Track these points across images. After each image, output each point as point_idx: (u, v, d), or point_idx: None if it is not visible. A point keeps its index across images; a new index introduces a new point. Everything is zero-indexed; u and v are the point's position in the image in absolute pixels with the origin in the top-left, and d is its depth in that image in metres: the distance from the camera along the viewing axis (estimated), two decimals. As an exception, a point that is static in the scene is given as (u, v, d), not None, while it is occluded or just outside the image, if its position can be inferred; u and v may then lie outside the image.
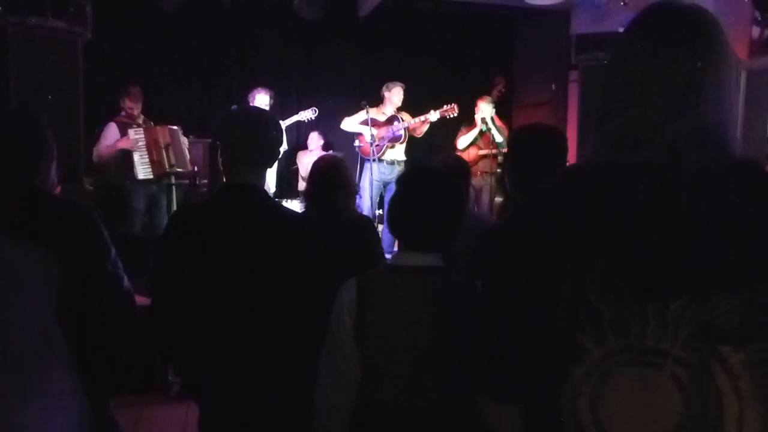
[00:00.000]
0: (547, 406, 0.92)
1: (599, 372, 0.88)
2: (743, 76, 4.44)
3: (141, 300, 1.82)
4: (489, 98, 6.41)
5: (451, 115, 5.99)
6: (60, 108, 4.68)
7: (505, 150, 6.21)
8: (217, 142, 1.84)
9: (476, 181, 5.96)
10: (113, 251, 1.70)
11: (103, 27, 5.29)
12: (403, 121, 5.87)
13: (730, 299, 0.83)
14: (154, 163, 5.20)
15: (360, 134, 5.86)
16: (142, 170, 5.17)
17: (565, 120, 6.51)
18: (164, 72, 6.70)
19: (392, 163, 5.84)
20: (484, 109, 6.36)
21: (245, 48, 7.07)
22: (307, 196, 2.69)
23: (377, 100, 6.03)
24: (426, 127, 6.00)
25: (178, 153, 5.35)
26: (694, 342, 0.84)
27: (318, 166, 2.65)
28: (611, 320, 0.87)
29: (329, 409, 1.57)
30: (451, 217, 1.60)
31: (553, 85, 6.58)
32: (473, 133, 6.23)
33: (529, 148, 1.88)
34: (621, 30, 1.01)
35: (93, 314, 1.55)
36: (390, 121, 5.92)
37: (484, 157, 6.25)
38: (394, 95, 5.96)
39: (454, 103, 6.17)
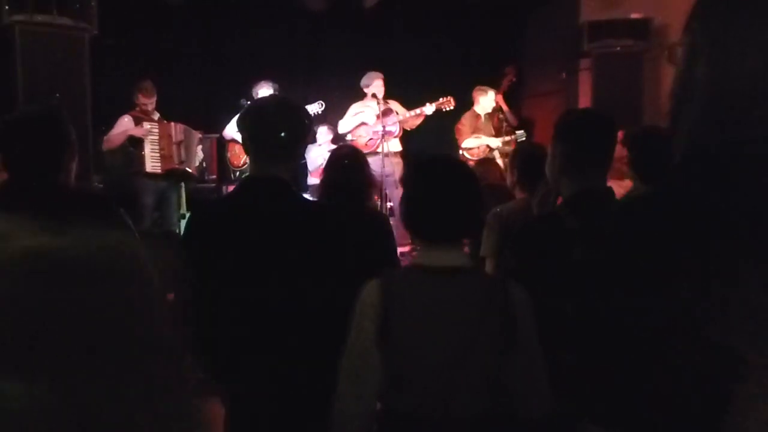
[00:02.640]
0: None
1: (761, 388, 0.76)
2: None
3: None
4: (486, 89, 6.32)
5: (448, 108, 5.93)
6: (67, 104, 4.64)
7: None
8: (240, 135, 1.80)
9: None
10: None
11: (108, 22, 5.24)
12: (397, 113, 5.82)
13: None
14: (164, 157, 5.18)
15: (359, 124, 5.81)
16: (151, 163, 5.16)
17: (576, 109, 6.44)
18: (170, 66, 6.64)
19: (387, 155, 5.81)
20: (483, 103, 6.29)
21: (251, 41, 7.01)
22: (326, 186, 2.55)
23: (386, 94, 5.97)
24: (419, 121, 5.94)
25: (189, 153, 5.36)
26: None
27: (340, 154, 2.55)
28: (765, 325, 0.76)
29: (347, 417, 1.49)
30: (471, 204, 1.53)
31: (564, 74, 6.50)
32: (483, 140, 6.14)
33: (583, 134, 1.76)
34: (634, 16, 0.91)
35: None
36: (385, 113, 5.88)
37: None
38: (374, 88, 5.89)
39: (463, 94, 6.13)
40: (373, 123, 5.89)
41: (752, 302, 0.76)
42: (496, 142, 6.22)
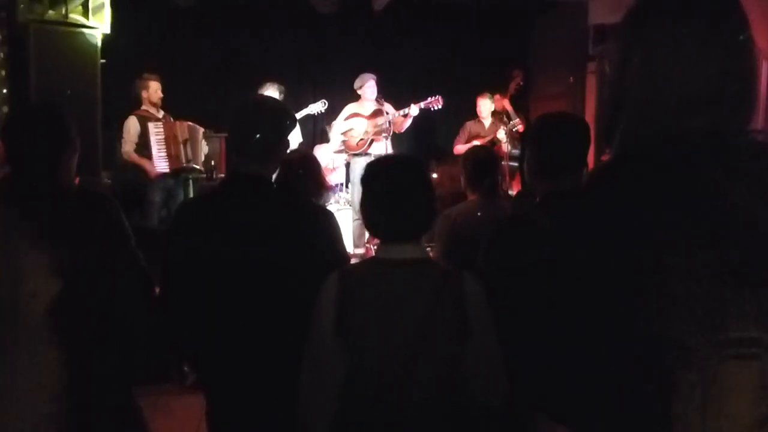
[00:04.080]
0: (644, 421, 0.83)
1: (707, 373, 0.79)
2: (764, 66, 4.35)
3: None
4: (489, 95, 6.34)
5: (436, 107, 5.93)
6: (78, 101, 4.73)
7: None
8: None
9: None
10: (133, 241, 1.72)
11: (120, 22, 5.33)
12: (387, 113, 5.86)
13: None
14: (171, 157, 5.26)
15: (347, 130, 5.88)
16: (159, 164, 5.23)
17: (583, 112, 6.44)
18: (180, 66, 6.72)
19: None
20: (484, 106, 6.30)
21: (260, 42, 7.08)
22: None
23: (394, 97, 6.02)
24: (408, 122, 5.97)
25: (195, 149, 5.43)
26: None
27: (288, 158, 2.65)
28: (712, 312, 0.79)
29: (313, 407, 1.53)
30: (425, 202, 1.57)
31: (571, 78, 6.51)
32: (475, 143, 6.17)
33: (557, 138, 1.80)
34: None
35: (114, 302, 1.58)
36: (376, 114, 5.92)
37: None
38: (367, 91, 5.95)
39: (471, 97, 6.15)
40: (365, 124, 5.94)
41: (685, 293, 0.79)
42: (477, 143, 6.21)
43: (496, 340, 1.50)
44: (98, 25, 4.98)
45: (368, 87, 5.94)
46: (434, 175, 6.07)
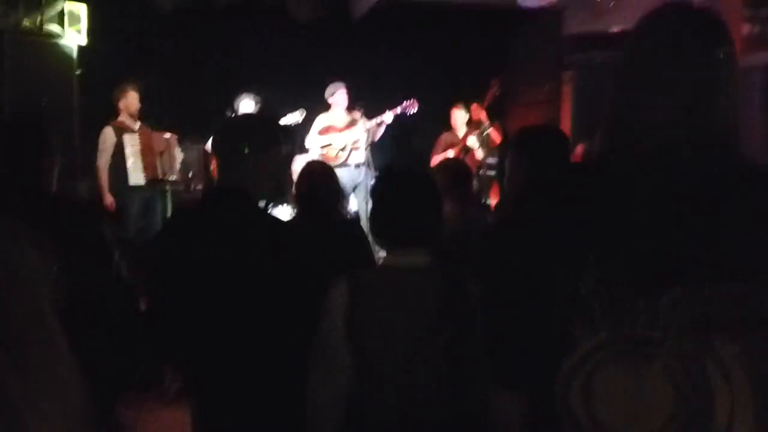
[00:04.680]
0: (546, 397, 0.94)
1: (591, 363, 0.89)
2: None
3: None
4: (463, 105, 6.41)
5: (411, 111, 5.99)
6: (54, 112, 4.68)
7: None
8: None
9: None
10: (116, 253, 1.72)
11: (96, 30, 5.30)
12: (361, 122, 5.94)
13: (723, 291, 0.84)
14: (147, 169, 5.21)
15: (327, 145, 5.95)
16: (135, 176, 5.19)
17: (558, 121, 6.54)
18: (158, 75, 6.67)
19: (358, 166, 5.90)
20: (458, 117, 6.36)
21: (239, 51, 7.06)
22: (301, 200, 2.70)
23: (371, 104, 6.06)
24: (382, 130, 6.02)
25: (171, 161, 5.41)
26: (687, 333, 0.85)
27: (312, 170, 2.68)
28: (603, 312, 0.88)
29: (323, 408, 1.56)
30: (430, 212, 1.65)
31: (547, 86, 6.61)
32: (449, 153, 6.21)
33: (542, 152, 1.88)
34: (615, 29, 1.04)
35: (97, 313, 1.57)
36: (350, 125, 5.97)
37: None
38: (338, 98, 6.01)
39: (448, 107, 6.21)
40: (341, 137, 5.98)
41: (584, 294, 0.89)
42: (452, 153, 6.25)
43: None
44: (74, 35, 4.95)
45: (339, 94, 6.00)
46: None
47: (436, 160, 6.20)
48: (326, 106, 6.27)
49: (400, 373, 1.51)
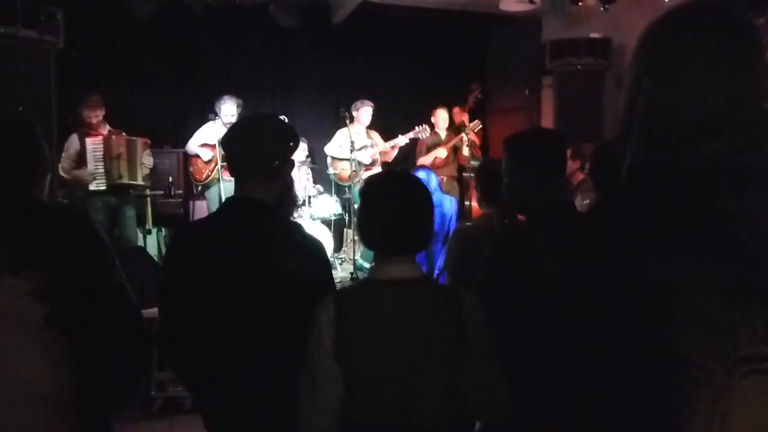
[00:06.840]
0: None
1: (720, 389, 0.81)
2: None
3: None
4: (445, 107, 6.42)
5: (423, 136, 6.08)
6: (32, 119, 4.57)
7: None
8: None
9: (443, 187, 5.92)
10: (117, 262, 1.67)
11: (75, 36, 5.19)
12: (376, 145, 6.00)
13: None
14: (108, 173, 5.09)
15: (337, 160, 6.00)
16: (95, 181, 5.08)
17: (539, 125, 6.61)
18: (137, 81, 6.59)
19: None
20: (440, 118, 6.38)
21: (219, 56, 7.00)
22: None
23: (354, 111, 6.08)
24: (396, 152, 6.13)
25: (131, 165, 5.19)
26: None
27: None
28: (724, 331, 0.81)
29: (313, 431, 1.49)
30: (420, 219, 1.55)
31: (527, 91, 6.67)
32: (440, 152, 6.24)
33: (544, 152, 1.82)
34: (594, 35, 0.98)
35: (101, 325, 1.53)
36: (366, 146, 6.00)
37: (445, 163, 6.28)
38: (362, 114, 6.05)
39: (428, 111, 6.24)
40: (358, 156, 5.95)
41: (694, 312, 0.81)
42: (443, 152, 6.28)
43: (496, 356, 1.49)
44: (52, 40, 4.84)
45: (364, 111, 6.05)
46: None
47: (422, 161, 6.22)
48: (306, 113, 6.28)
49: (391, 389, 1.44)
